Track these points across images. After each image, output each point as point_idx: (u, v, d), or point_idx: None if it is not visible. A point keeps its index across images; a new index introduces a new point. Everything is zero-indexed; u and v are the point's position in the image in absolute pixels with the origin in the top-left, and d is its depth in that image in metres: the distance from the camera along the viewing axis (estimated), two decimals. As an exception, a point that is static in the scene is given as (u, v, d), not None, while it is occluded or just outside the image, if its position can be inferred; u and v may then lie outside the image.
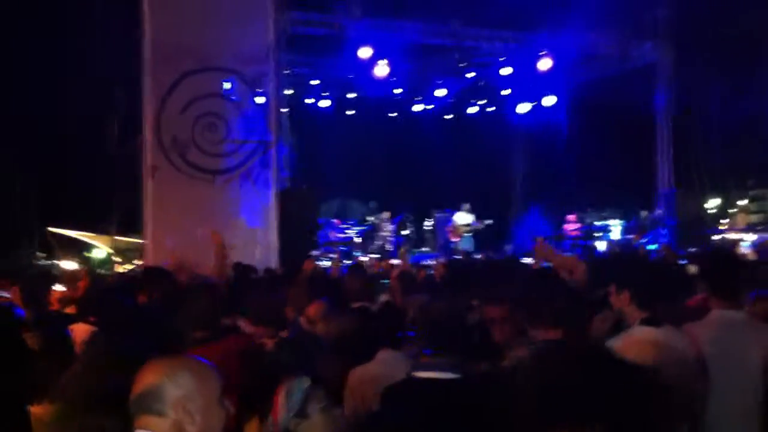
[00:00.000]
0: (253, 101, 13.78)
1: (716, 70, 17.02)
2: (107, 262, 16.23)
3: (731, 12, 16.39)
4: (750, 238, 16.41)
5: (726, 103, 17.09)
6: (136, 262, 14.25)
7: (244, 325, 5.03)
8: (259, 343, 4.69)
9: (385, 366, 4.19)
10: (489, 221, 18.69)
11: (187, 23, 13.24)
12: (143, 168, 13.25)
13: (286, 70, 15.63)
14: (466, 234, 18.48)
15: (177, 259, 7.96)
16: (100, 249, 17.47)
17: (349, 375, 4.23)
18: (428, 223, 19.85)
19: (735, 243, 15.49)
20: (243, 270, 8.11)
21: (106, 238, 16.89)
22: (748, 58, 17.26)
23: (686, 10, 16.75)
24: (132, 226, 15.09)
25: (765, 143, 16.90)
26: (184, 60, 13.20)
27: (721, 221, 18.72)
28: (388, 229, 18.73)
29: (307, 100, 19.51)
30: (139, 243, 14.37)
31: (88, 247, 17.89)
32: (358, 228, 18.83)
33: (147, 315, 5.20)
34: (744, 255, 11.26)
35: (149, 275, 6.88)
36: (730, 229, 17.99)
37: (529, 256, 10.85)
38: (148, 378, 2.31)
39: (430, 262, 12.21)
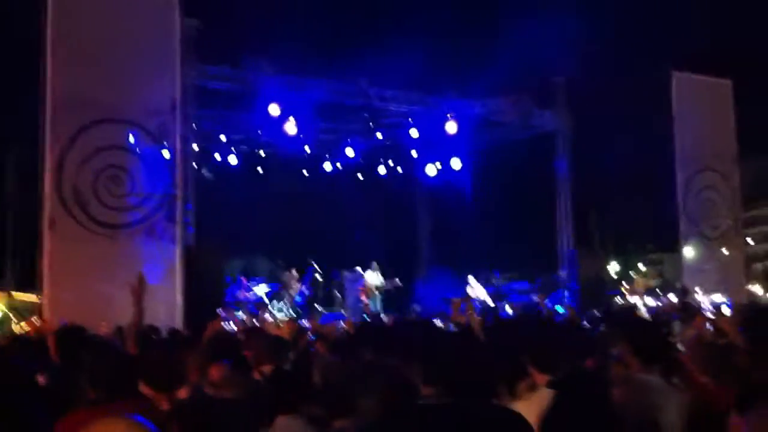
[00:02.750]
0: (159, 154, 13.45)
1: (613, 137, 17.78)
2: (3, 320, 15.36)
3: (626, 79, 17.25)
4: (649, 302, 16.98)
5: (624, 169, 17.83)
6: (33, 319, 13.54)
7: (143, 387, 4.77)
8: (155, 406, 4.46)
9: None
10: (399, 282, 18.75)
11: (91, 73, 12.85)
12: (41, 222, 12.67)
13: (194, 123, 15.38)
14: (376, 294, 18.46)
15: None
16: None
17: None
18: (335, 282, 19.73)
19: (635, 306, 15.98)
20: (144, 330, 7.77)
21: (1, 294, 16.03)
22: (644, 124, 18.13)
23: (583, 78, 17.50)
24: (29, 283, 14.38)
25: (662, 208, 17.65)
26: (87, 110, 12.79)
27: (622, 284, 19.32)
28: (295, 287, 18.50)
29: (216, 156, 19.22)
30: (35, 301, 13.68)
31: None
32: (265, 286, 18.51)
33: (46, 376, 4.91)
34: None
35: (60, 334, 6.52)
36: (631, 292, 18.58)
37: (437, 317, 10.86)
38: None
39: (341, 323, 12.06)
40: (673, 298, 17.29)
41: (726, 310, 11.98)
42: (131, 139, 13.21)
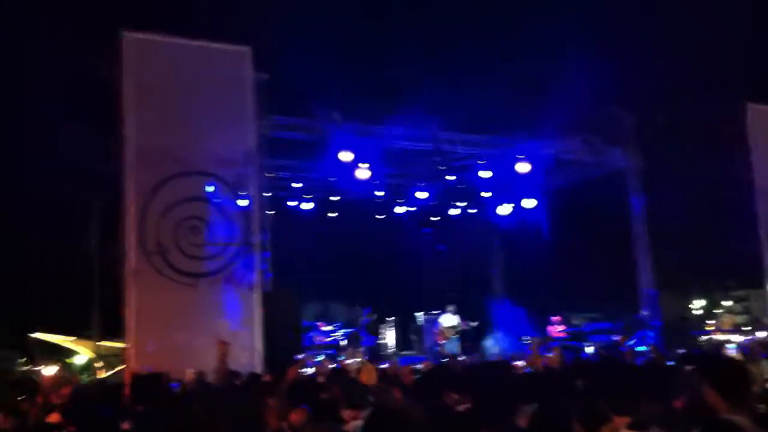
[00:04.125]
0: (236, 204, 13.77)
1: (688, 171, 17.40)
2: (89, 367, 15.83)
3: (698, 112, 16.91)
4: (736, 339, 16.39)
5: (702, 204, 17.39)
6: (118, 367, 13.91)
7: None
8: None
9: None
10: (474, 323, 18.59)
11: (169, 126, 13.32)
12: (124, 271, 13.07)
13: (269, 173, 15.73)
14: (452, 336, 18.35)
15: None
16: (82, 354, 17.09)
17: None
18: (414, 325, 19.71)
19: (721, 344, 15.46)
20: (227, 375, 7.93)
21: (87, 343, 16.53)
22: (719, 157, 17.69)
23: (654, 114, 17.24)
24: (113, 331, 14.80)
25: (745, 242, 17.10)
26: (165, 162, 13.20)
27: (707, 322, 18.72)
28: (381, 331, 18.60)
29: (290, 203, 19.55)
30: (120, 348, 14.05)
31: (70, 352, 17.50)
32: (343, 330, 18.63)
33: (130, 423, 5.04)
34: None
35: (137, 382, 6.70)
36: (716, 330, 17.98)
37: (516, 358, 10.74)
38: None
39: (419, 365, 12.04)
40: (761, 334, 16.66)
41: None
42: (209, 189, 13.57)
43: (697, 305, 18.87)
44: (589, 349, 17.53)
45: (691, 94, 18.98)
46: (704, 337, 17.35)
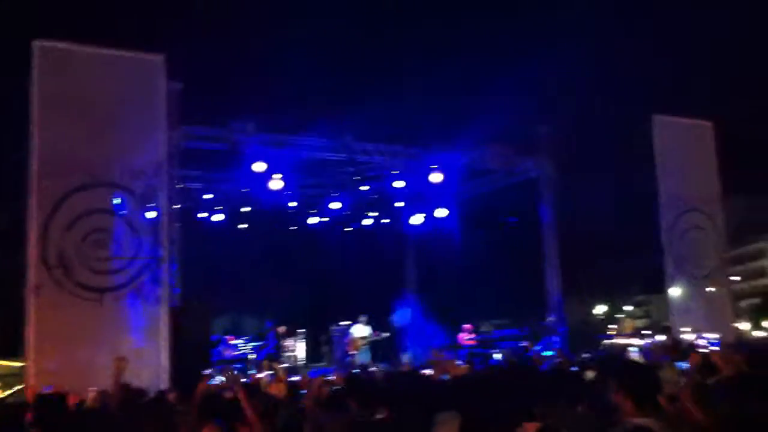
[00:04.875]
0: (144, 216, 13.44)
1: (597, 182, 17.98)
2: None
3: (607, 124, 17.51)
4: (637, 342, 16.95)
5: (609, 213, 17.98)
6: (16, 387, 13.32)
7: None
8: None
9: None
10: (386, 334, 18.67)
11: (78, 137, 12.88)
12: (26, 287, 12.57)
13: (179, 184, 15.43)
14: (363, 347, 18.36)
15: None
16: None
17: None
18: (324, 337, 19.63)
19: (623, 348, 15.96)
20: (132, 393, 7.70)
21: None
22: (626, 168, 18.33)
23: (566, 126, 17.76)
24: (12, 350, 14.18)
25: (648, 250, 17.71)
26: (71, 174, 12.78)
27: (609, 327, 19.32)
28: (284, 344, 18.39)
29: (201, 214, 19.23)
30: (19, 367, 13.48)
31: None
32: (253, 344, 18.39)
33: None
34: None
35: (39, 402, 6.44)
36: (618, 335, 18.57)
37: (426, 367, 10.81)
38: None
39: (331, 377, 11.97)
40: (660, 337, 17.30)
41: (714, 349, 11.99)
42: (116, 201, 13.21)
43: (600, 310, 19.46)
44: (498, 356, 17.83)
45: (602, 106, 19.66)
46: (607, 342, 17.88)
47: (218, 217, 19.42)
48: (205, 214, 19.33)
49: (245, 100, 16.15)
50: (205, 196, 18.88)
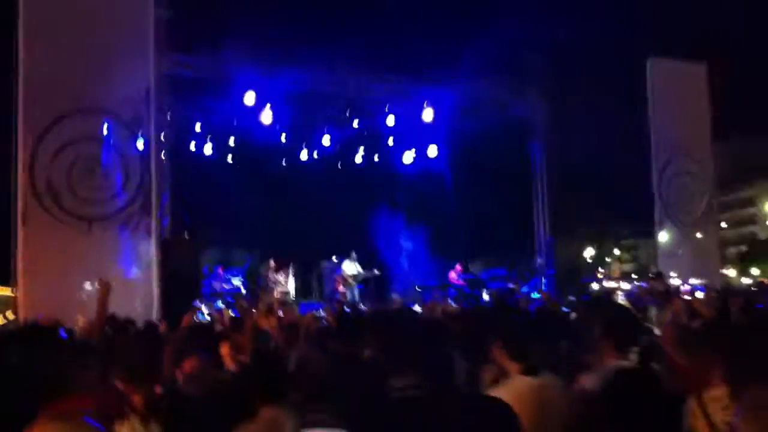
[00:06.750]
0: (134, 145, 13.33)
1: (589, 123, 17.87)
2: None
3: (602, 65, 17.33)
4: (624, 286, 17.11)
5: (600, 155, 17.92)
6: (6, 314, 13.38)
7: (118, 381, 4.70)
8: (128, 400, 4.40)
9: (270, 425, 4.03)
10: (377, 271, 18.74)
11: (64, 64, 12.71)
12: (15, 215, 12.52)
13: (168, 112, 15.25)
14: (354, 284, 18.46)
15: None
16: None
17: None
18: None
19: (611, 291, 16.11)
20: (120, 324, 7.73)
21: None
22: (619, 110, 18.20)
23: (559, 65, 17.55)
24: (2, 277, 14.20)
25: (638, 194, 17.74)
26: (59, 102, 12.66)
27: (598, 270, 19.47)
28: (273, 277, 18.44)
29: (190, 146, 19.06)
30: (9, 295, 13.53)
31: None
32: (242, 277, 18.45)
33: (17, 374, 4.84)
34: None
35: (22, 330, 6.44)
36: (606, 278, 18.73)
37: (415, 304, 10.92)
38: None
39: (321, 312, 12.07)
40: (647, 282, 17.47)
41: (700, 294, 12.12)
42: (105, 129, 13.08)
43: (589, 253, 19.58)
44: (486, 297, 17.99)
45: (598, 46, 19.39)
46: (595, 285, 18.05)
47: (208, 149, 19.23)
48: (194, 146, 19.15)
49: (236, 28, 15.82)
50: (196, 127, 18.67)
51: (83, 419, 2.25)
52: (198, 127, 18.65)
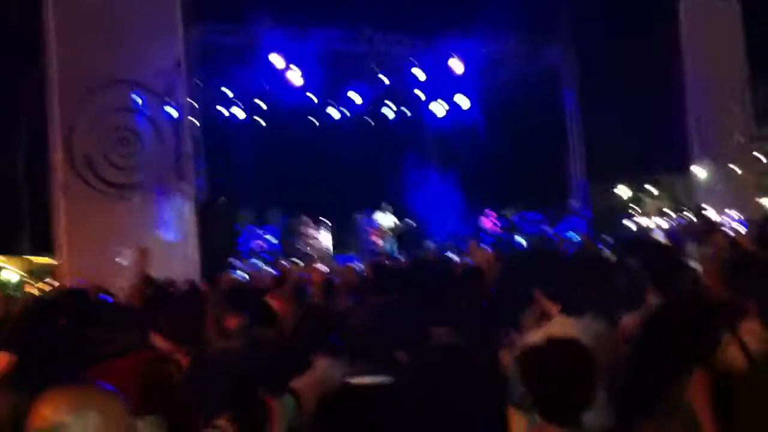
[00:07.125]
0: (166, 113, 13.48)
1: (621, 65, 17.62)
2: (20, 284, 15.59)
3: (632, 5, 16.97)
4: (662, 224, 16.96)
5: (633, 96, 17.68)
6: (49, 281, 13.75)
7: (160, 341, 4.80)
8: (173, 360, 4.51)
9: (326, 375, 4.11)
10: (412, 223, 18.77)
11: (94, 36, 12.85)
12: (53, 186, 12.78)
13: (199, 80, 15.38)
14: (389, 236, 18.52)
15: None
16: (11, 271, 16.78)
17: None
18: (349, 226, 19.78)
19: (648, 230, 15.99)
20: (160, 285, 7.91)
21: (17, 259, 16.24)
22: (651, 50, 17.86)
23: (589, 9, 17.25)
24: (44, 246, 14.56)
25: (672, 131, 17.50)
26: (92, 73, 12.81)
27: (634, 209, 19.31)
28: (309, 233, 18.56)
29: (223, 111, 19.18)
30: (52, 263, 13.89)
31: (-1, 269, 17.17)
32: (278, 235, 18.59)
33: (63, 339, 5.01)
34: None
35: (66, 297, 6.65)
36: (643, 216, 18.57)
37: (450, 251, 10.97)
38: (50, 414, 2.10)
39: (357, 264, 12.18)
40: (685, 218, 17.31)
41: (740, 227, 11.99)
42: (137, 99, 13.24)
43: (624, 192, 19.40)
44: (522, 241, 17.95)
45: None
46: (631, 224, 17.92)
47: (240, 114, 19.34)
48: (226, 111, 19.26)
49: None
50: (226, 93, 18.76)
51: (96, 384, 2.29)
52: (229, 93, 18.75)
